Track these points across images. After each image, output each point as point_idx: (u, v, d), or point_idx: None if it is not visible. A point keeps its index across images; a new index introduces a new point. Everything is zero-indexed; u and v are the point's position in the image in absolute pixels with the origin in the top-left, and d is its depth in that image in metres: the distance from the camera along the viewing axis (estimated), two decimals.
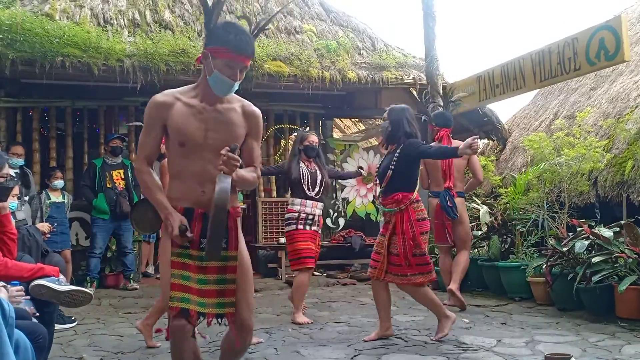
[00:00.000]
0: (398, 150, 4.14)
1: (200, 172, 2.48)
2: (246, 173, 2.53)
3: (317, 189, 5.01)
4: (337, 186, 8.51)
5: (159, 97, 2.51)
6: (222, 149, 2.39)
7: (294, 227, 4.94)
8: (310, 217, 4.96)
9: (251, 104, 2.65)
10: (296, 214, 4.95)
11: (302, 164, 5.02)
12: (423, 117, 6.79)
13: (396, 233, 4.08)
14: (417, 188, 4.17)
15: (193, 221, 2.46)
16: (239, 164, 2.38)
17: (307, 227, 4.94)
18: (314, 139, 5.16)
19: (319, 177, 5.06)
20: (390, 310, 4.28)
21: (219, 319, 2.49)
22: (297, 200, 4.98)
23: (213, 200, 2.26)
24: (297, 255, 4.90)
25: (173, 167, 2.56)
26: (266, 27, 6.21)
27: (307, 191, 4.96)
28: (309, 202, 4.96)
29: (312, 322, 4.78)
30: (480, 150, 10.05)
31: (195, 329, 2.48)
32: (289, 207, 5.10)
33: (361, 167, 5.98)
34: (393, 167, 4.12)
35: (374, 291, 4.28)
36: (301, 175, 4.97)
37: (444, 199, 5.38)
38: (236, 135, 2.54)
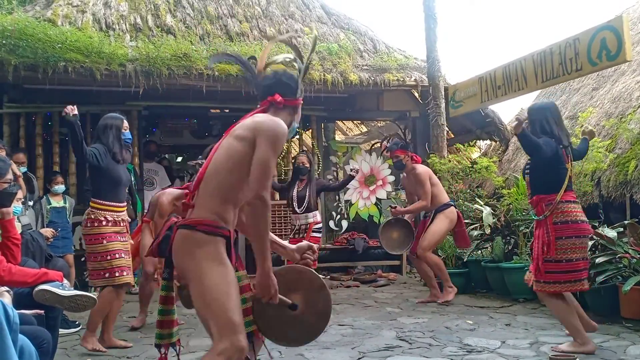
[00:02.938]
0: None
1: (242, 199, 2.37)
2: None
3: (303, 206, 5.90)
4: None
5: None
6: None
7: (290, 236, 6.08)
8: (296, 228, 5.95)
9: None
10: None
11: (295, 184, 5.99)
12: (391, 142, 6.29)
13: (534, 237, 3.92)
14: (561, 189, 3.79)
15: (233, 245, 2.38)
16: None
17: (296, 236, 5.85)
18: (302, 159, 5.96)
19: (306, 196, 5.91)
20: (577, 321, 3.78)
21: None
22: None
23: None
24: None
25: (233, 193, 2.32)
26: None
27: (294, 208, 5.94)
28: (293, 216, 5.98)
29: None
30: (482, 151, 10.05)
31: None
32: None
33: (353, 169, 6.28)
34: (528, 170, 3.97)
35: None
36: (292, 195, 5.95)
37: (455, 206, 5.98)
38: None
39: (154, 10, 7.75)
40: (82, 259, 6.87)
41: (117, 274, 4.09)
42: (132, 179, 6.87)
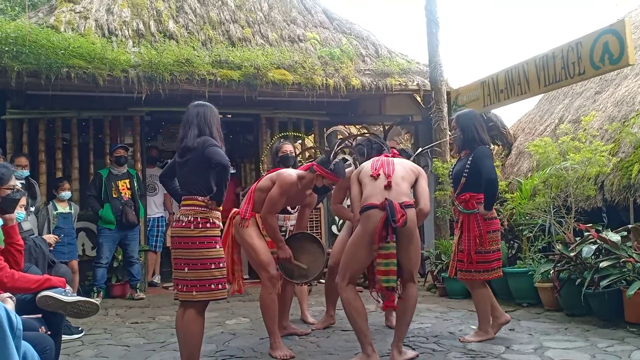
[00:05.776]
0: (471, 156, 4.29)
1: None
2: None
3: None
4: None
5: None
6: None
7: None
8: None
9: None
10: None
11: None
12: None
13: (463, 231, 4.33)
14: None
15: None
16: None
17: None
18: (288, 148, 5.10)
19: None
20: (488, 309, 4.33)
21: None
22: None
23: None
24: None
25: None
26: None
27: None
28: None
29: None
30: None
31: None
32: None
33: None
34: (466, 173, 4.28)
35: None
36: None
37: None
38: None
39: (157, 16, 7.77)
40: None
41: (220, 286, 3.44)
42: (135, 184, 6.92)
